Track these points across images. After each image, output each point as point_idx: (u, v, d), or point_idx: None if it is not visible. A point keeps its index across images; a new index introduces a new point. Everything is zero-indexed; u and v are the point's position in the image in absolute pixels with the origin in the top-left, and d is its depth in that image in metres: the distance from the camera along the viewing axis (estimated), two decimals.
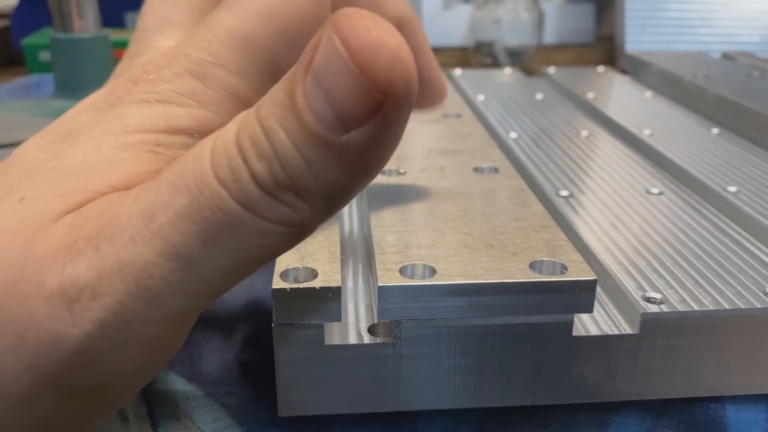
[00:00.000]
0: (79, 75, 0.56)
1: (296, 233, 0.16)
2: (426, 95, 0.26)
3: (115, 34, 0.64)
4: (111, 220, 0.16)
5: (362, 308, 0.25)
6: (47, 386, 0.16)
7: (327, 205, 0.15)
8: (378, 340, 0.23)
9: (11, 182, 0.18)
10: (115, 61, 0.60)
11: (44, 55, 0.70)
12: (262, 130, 0.15)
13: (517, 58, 0.79)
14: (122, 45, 0.69)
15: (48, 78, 0.65)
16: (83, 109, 0.19)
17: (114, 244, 0.15)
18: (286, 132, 0.14)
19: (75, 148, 0.18)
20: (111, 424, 0.26)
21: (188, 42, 0.20)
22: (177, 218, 0.15)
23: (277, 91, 0.15)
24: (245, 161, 0.15)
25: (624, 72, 0.63)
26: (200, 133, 0.19)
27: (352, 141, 0.14)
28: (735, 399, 0.25)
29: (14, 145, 0.42)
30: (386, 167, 0.31)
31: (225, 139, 0.15)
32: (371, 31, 0.14)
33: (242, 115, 0.16)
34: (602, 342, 0.23)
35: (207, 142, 0.16)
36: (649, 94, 0.52)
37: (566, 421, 0.26)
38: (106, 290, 0.15)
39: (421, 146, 0.34)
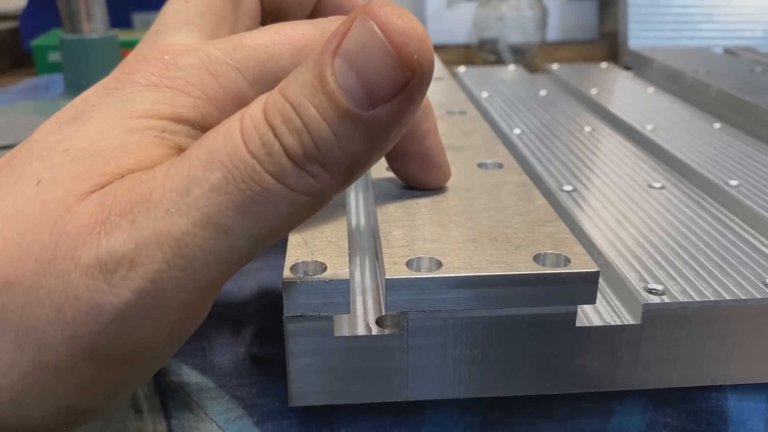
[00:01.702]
0: (89, 75, 0.56)
1: (316, 204, 0.17)
2: (430, 174, 0.28)
3: (122, 35, 0.65)
4: (144, 196, 0.17)
5: (370, 301, 0.26)
6: (84, 355, 0.17)
7: (346, 176, 0.17)
8: (386, 331, 0.23)
9: (23, 164, 0.18)
10: None
11: (53, 56, 0.71)
12: (292, 107, 0.16)
13: (521, 55, 0.79)
14: (130, 45, 0.70)
15: (57, 78, 0.66)
16: (94, 92, 0.20)
17: (150, 217, 0.16)
18: (317, 108, 0.16)
19: (85, 131, 0.19)
20: (125, 416, 0.27)
21: (213, 43, 0.21)
22: (212, 190, 0.16)
23: (303, 74, 0.17)
24: (277, 135, 0.16)
25: (627, 68, 0.63)
26: (202, 126, 0.20)
27: (378, 115, 0.16)
28: (736, 388, 0.26)
29: None
30: None
31: (254, 116, 0.17)
32: (403, 18, 0.16)
33: (264, 97, 0.17)
34: (605, 332, 0.23)
35: (233, 122, 0.17)
36: (651, 89, 0.53)
37: (570, 411, 0.26)
38: (145, 259, 0.16)
39: None
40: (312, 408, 0.25)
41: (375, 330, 0.23)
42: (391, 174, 0.30)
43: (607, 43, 0.86)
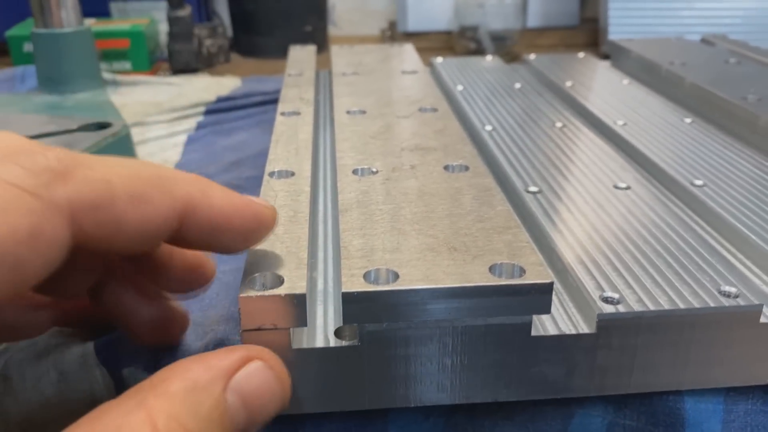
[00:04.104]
0: (62, 70, 0.56)
1: None
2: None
3: (98, 24, 0.64)
4: None
5: (331, 310, 0.26)
6: None
7: None
8: (343, 342, 0.23)
9: None
10: (98, 53, 0.60)
11: (28, 46, 0.70)
12: None
13: (502, 42, 0.79)
14: (105, 36, 0.69)
15: (32, 69, 0.65)
16: None
17: None
18: None
19: None
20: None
21: None
22: None
23: (197, 404, 0.18)
24: None
25: (606, 56, 0.63)
26: None
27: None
28: (694, 391, 0.26)
29: None
30: (359, 166, 0.31)
31: None
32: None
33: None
34: (560, 341, 0.24)
35: None
36: (627, 81, 0.53)
37: (531, 414, 0.26)
38: None
39: (395, 143, 0.35)
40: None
41: (333, 341, 0.24)
42: (357, 179, 0.30)
43: (588, 29, 0.86)
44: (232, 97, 0.62)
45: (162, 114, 0.58)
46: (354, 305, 0.22)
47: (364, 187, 0.29)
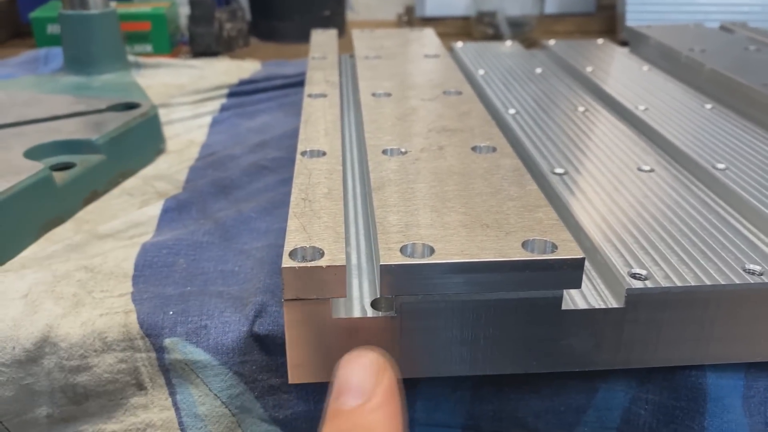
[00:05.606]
0: (89, 50, 0.57)
1: None
2: None
3: (119, 7, 0.65)
4: None
5: (366, 283, 0.27)
6: None
7: None
8: (380, 313, 0.24)
9: None
10: (123, 35, 0.61)
11: (52, 28, 0.71)
12: None
13: (519, 28, 0.79)
14: (126, 18, 0.70)
15: (56, 51, 0.66)
16: None
17: None
18: None
19: None
20: (127, 393, 0.28)
21: None
22: None
23: None
24: None
25: (624, 43, 0.63)
26: None
27: None
28: (715, 367, 0.27)
29: (26, 123, 0.43)
30: (388, 147, 0.32)
31: None
32: None
33: None
34: (589, 315, 0.24)
35: None
36: (646, 67, 0.53)
37: (556, 387, 0.27)
38: None
39: (422, 124, 0.35)
40: (310, 383, 0.26)
41: (370, 312, 0.24)
42: (387, 158, 0.31)
43: (605, 16, 0.87)
44: (254, 80, 0.63)
45: (185, 96, 0.58)
46: (392, 277, 0.23)
47: (394, 167, 0.30)
